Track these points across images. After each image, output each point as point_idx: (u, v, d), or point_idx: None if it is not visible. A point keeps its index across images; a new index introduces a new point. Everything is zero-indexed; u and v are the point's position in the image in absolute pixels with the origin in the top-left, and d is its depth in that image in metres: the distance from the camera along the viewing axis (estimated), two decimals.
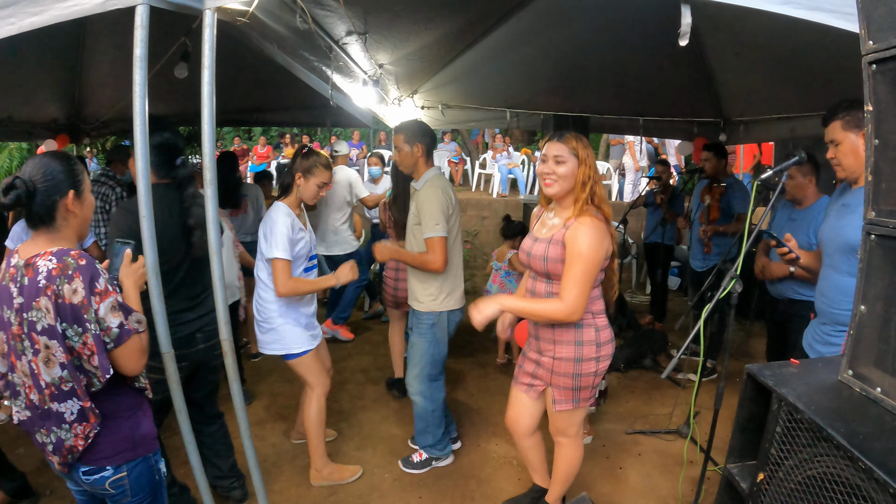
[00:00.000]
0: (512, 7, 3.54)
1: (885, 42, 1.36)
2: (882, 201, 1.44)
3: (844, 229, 2.37)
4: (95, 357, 1.70)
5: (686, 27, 1.96)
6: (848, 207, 2.41)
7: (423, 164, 3.24)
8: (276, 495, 3.14)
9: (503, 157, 11.22)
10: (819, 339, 2.57)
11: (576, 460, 2.77)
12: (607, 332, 2.54)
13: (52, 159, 1.77)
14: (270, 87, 5.79)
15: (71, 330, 1.68)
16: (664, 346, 5.22)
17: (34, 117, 6.13)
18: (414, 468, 3.43)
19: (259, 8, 2.19)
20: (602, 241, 2.34)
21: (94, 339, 1.69)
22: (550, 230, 2.47)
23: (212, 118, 2.12)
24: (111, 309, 1.73)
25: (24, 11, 1.99)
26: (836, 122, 2.38)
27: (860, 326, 1.48)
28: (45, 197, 1.72)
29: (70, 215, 1.79)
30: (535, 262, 2.47)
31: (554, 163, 2.40)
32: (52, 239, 1.77)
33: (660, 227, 5.76)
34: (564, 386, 2.53)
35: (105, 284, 1.73)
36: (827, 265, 2.51)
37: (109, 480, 1.86)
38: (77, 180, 1.79)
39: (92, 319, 1.68)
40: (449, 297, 3.29)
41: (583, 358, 2.46)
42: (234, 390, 2.35)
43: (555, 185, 2.42)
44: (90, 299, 1.68)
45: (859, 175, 2.38)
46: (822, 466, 1.32)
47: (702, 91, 5.27)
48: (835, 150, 2.42)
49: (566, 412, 2.59)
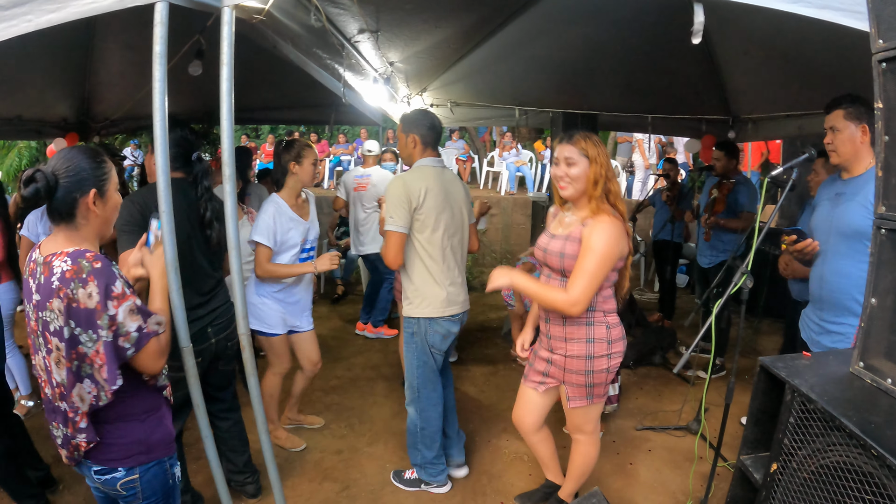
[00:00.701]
0: (521, 5, 3.56)
1: (895, 41, 1.38)
2: (892, 196, 1.46)
3: (846, 215, 2.45)
4: (105, 369, 1.65)
5: (699, 25, 1.98)
6: (844, 196, 2.51)
7: (416, 155, 3.01)
8: (289, 491, 3.17)
9: (511, 155, 11.23)
10: (819, 329, 2.61)
11: (592, 457, 2.79)
12: (618, 329, 2.55)
13: (79, 154, 1.71)
14: (278, 85, 5.81)
15: (85, 335, 1.64)
16: (673, 343, 5.24)
17: (44, 116, 6.14)
18: (403, 484, 3.28)
19: (275, 6, 2.22)
20: (619, 240, 2.35)
21: (105, 347, 1.64)
22: (567, 227, 2.47)
23: (230, 115, 2.13)
24: (129, 313, 1.68)
25: (41, 9, 1.98)
26: (839, 111, 2.47)
27: (871, 319, 1.50)
28: (65, 193, 1.67)
29: (91, 214, 1.73)
30: (550, 258, 2.48)
31: (566, 165, 2.41)
32: (71, 237, 1.72)
33: (668, 225, 5.78)
34: (577, 383, 2.55)
35: (122, 288, 1.68)
36: (826, 252, 2.56)
37: (121, 482, 1.81)
38: (102, 179, 1.74)
39: (105, 326, 1.63)
40: (427, 302, 2.96)
41: (594, 355, 2.48)
42: (251, 384, 2.37)
43: (569, 187, 2.42)
44: (106, 304, 1.63)
45: (851, 164, 2.51)
46: (834, 455, 1.35)
47: (710, 89, 5.27)
48: (833, 135, 2.51)
49: (582, 409, 2.61)
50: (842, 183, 2.57)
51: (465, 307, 3.10)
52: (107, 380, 1.66)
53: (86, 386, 1.68)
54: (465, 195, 3.13)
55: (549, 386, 2.66)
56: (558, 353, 2.56)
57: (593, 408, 2.64)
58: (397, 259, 2.87)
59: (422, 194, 2.84)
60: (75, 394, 1.68)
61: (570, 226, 2.46)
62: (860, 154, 2.46)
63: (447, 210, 2.94)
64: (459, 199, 3.05)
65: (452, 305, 3.00)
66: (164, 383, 1.93)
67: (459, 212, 3.04)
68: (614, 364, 2.56)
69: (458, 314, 3.05)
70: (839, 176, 2.62)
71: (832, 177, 2.70)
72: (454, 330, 3.05)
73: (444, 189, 2.93)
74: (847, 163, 2.52)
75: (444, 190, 2.93)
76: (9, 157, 12.08)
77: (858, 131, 2.42)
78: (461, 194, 3.08)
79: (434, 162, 2.99)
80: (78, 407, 1.69)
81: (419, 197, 2.83)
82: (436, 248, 2.93)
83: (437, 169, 2.98)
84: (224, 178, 2.18)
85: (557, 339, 2.56)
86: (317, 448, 3.59)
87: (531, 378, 2.73)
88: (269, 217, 3.20)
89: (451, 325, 3.02)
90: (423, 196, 2.84)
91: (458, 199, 3.04)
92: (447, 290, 2.97)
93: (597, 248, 2.31)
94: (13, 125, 5.76)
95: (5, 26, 1.97)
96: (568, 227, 2.47)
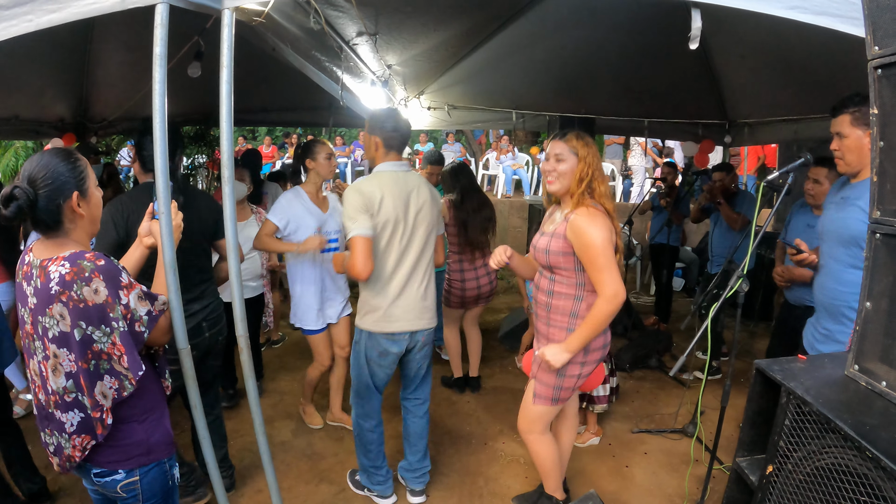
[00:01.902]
0: (519, 9, 3.58)
1: (891, 47, 1.40)
2: (887, 201, 1.48)
3: (846, 221, 2.41)
4: (125, 357, 1.67)
5: (696, 31, 1.99)
6: (847, 200, 2.44)
7: (379, 159, 2.81)
8: (285, 492, 3.17)
9: (508, 158, 11.24)
10: (819, 338, 2.59)
11: (544, 453, 2.80)
12: (599, 339, 2.55)
13: (52, 159, 1.67)
14: (275, 87, 5.83)
15: (98, 332, 1.64)
16: (669, 346, 5.25)
17: (41, 116, 6.16)
18: (352, 484, 3.26)
19: (274, 8, 2.23)
20: (603, 224, 2.36)
21: (122, 337, 1.66)
22: (553, 224, 2.53)
23: (230, 117, 2.14)
24: (139, 299, 1.72)
25: (42, 9, 1.98)
26: (846, 116, 2.37)
27: (865, 322, 1.52)
28: (47, 202, 1.63)
29: (77, 217, 1.71)
30: (539, 254, 2.55)
31: (555, 161, 2.47)
32: (62, 243, 1.70)
33: (665, 229, 5.80)
34: (546, 382, 2.57)
35: (128, 278, 1.71)
36: (827, 257, 2.54)
37: (121, 484, 1.81)
38: (81, 178, 1.71)
39: (119, 317, 1.65)
40: (369, 315, 2.80)
41: (569, 361, 2.48)
42: (250, 387, 2.38)
43: (556, 182, 2.48)
44: (117, 295, 1.65)
45: (859, 170, 2.42)
46: (830, 457, 1.36)
47: (707, 93, 5.31)
48: (839, 142, 2.42)
49: (542, 408, 2.64)
50: (849, 187, 2.50)
51: (418, 327, 2.86)
52: (129, 368, 1.69)
53: (106, 382, 1.70)
54: (432, 202, 2.87)
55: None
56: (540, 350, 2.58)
57: (553, 410, 2.67)
58: (366, 265, 2.61)
59: (377, 201, 2.65)
60: (98, 392, 1.69)
61: (556, 222, 2.51)
62: (867, 160, 2.32)
63: (404, 221, 2.73)
64: (423, 207, 2.80)
65: (393, 323, 2.78)
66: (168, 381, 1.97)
67: (422, 221, 2.80)
68: (586, 371, 2.58)
69: (402, 333, 2.82)
70: (848, 179, 2.53)
71: (843, 178, 2.60)
72: (393, 350, 2.83)
73: (404, 197, 2.73)
74: (854, 169, 2.43)
75: (403, 198, 2.73)
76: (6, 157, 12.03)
77: (865, 136, 2.30)
78: (426, 202, 2.82)
79: (396, 166, 2.79)
80: (102, 404, 1.70)
81: (376, 203, 2.64)
82: (386, 261, 2.74)
83: (398, 174, 2.77)
84: (223, 181, 2.19)
85: (542, 337, 2.63)
86: (314, 450, 3.59)
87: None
88: (287, 201, 3.48)
89: (389, 344, 2.81)
90: (378, 203, 2.65)
91: (422, 208, 2.79)
92: (391, 306, 2.76)
93: (592, 241, 2.33)
94: (10, 125, 5.77)
95: (5, 26, 1.97)
96: (553, 224, 2.53)
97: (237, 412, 4.03)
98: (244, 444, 3.59)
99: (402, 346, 2.85)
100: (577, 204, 2.42)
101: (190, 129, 7.44)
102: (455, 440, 3.80)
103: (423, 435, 3.14)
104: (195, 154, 7.82)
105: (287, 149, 14.08)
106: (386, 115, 2.85)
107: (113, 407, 1.73)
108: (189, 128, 7.40)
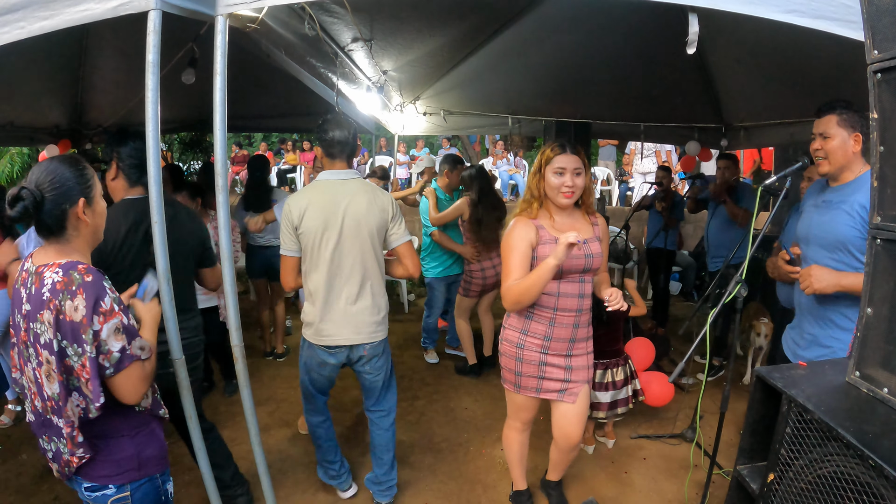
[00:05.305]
0: (514, 14, 3.58)
1: (890, 51, 1.39)
2: (888, 206, 1.47)
3: (831, 225, 2.34)
4: (90, 383, 1.61)
5: (694, 36, 1.99)
6: (831, 204, 2.39)
7: (326, 166, 2.76)
8: (282, 501, 3.14)
9: (504, 164, 11.25)
10: (803, 343, 2.52)
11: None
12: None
13: (61, 165, 1.67)
14: (271, 93, 5.82)
15: (71, 349, 1.60)
16: (667, 350, 5.23)
17: (36, 122, 6.16)
18: (320, 475, 3.26)
19: (269, 14, 2.22)
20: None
21: (90, 362, 1.60)
22: (584, 231, 2.56)
23: (223, 124, 2.13)
24: (114, 331, 1.64)
25: (34, 16, 1.98)
26: (832, 117, 2.33)
27: (867, 328, 1.50)
28: (53, 206, 1.63)
29: (81, 224, 1.71)
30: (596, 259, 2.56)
31: (574, 175, 2.48)
32: (62, 250, 1.69)
33: (662, 233, 5.79)
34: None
35: (111, 304, 1.63)
36: (810, 261, 2.44)
37: (112, 499, 1.76)
38: (87, 186, 1.71)
39: (89, 341, 1.59)
40: (307, 328, 2.79)
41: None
42: (245, 396, 2.36)
43: (573, 195, 2.51)
44: (92, 319, 1.59)
45: (840, 172, 2.38)
46: (831, 465, 1.34)
47: (703, 97, 5.31)
48: (823, 142, 2.37)
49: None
50: (830, 190, 2.45)
51: (355, 341, 2.77)
52: (91, 395, 1.62)
53: (74, 399, 1.65)
54: (371, 209, 2.70)
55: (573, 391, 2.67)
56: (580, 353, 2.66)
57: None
58: (287, 282, 2.75)
59: (300, 213, 2.60)
60: (69, 407, 1.65)
61: (584, 229, 2.58)
62: (851, 163, 2.34)
63: (338, 230, 2.63)
64: (360, 215, 2.66)
65: (325, 338, 2.74)
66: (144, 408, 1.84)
67: (356, 231, 2.66)
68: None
69: (337, 347, 2.77)
70: (826, 183, 2.50)
71: (819, 181, 2.57)
72: (331, 361, 2.80)
73: (332, 207, 2.62)
74: (836, 171, 2.39)
75: (332, 208, 2.62)
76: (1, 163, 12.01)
77: (851, 140, 2.30)
78: (362, 210, 2.67)
79: (334, 175, 2.71)
80: (73, 421, 1.66)
81: (299, 216, 2.60)
82: (317, 272, 2.68)
83: (334, 183, 2.69)
84: (217, 189, 2.17)
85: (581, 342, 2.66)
86: (310, 458, 3.56)
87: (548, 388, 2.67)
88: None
89: (326, 356, 2.79)
90: (301, 215, 2.60)
91: (359, 217, 2.66)
92: (321, 322, 2.72)
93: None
94: (5, 131, 5.77)
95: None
96: (584, 231, 2.57)
97: (233, 420, 4.00)
98: (240, 453, 3.55)
99: (341, 359, 2.82)
100: (588, 209, 2.63)
101: (185, 135, 7.43)
102: (454, 448, 3.77)
103: (390, 447, 3.08)
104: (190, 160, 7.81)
105: (283, 154, 14.06)
106: (325, 123, 2.71)
107: (101, 420, 1.69)
108: (184, 134, 7.39)
